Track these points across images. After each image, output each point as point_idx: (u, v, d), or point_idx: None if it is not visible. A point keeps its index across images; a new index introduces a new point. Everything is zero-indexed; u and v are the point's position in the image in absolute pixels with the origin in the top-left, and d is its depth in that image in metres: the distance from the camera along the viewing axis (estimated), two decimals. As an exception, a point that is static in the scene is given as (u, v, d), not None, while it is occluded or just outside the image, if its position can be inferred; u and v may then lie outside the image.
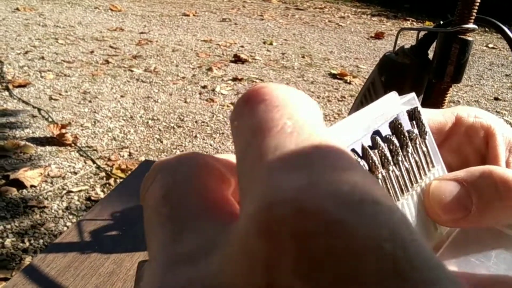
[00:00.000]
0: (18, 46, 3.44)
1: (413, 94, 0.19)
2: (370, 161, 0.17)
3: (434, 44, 0.77)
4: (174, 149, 2.22)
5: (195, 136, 2.34)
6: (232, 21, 4.75)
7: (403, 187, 0.18)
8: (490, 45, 4.39)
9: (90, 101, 2.64)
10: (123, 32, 4.05)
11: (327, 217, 0.09)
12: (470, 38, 0.72)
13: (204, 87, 2.96)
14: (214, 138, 2.34)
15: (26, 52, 3.33)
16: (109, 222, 0.70)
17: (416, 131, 0.19)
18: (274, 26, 4.71)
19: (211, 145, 2.27)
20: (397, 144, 0.18)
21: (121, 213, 0.72)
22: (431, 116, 0.21)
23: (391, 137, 0.18)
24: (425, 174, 0.19)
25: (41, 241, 1.56)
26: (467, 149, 0.21)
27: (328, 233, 0.09)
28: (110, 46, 3.62)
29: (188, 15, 4.85)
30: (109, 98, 2.71)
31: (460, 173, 0.18)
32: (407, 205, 0.19)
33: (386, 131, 0.18)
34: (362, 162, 0.17)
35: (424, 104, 0.78)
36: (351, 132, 0.17)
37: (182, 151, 2.20)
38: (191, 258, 0.12)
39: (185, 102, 2.73)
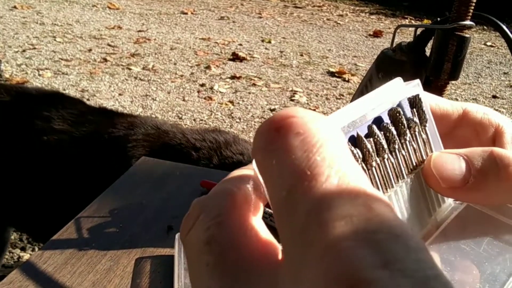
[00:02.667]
0: (15, 44, 3.43)
1: (417, 81, 0.19)
2: (364, 149, 0.17)
3: (431, 41, 0.77)
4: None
5: (193, 134, 2.34)
6: (231, 19, 4.75)
7: (398, 174, 0.19)
8: (488, 43, 4.40)
9: (88, 99, 2.64)
10: (121, 30, 4.04)
11: None
12: (467, 35, 0.72)
13: (202, 85, 2.96)
14: (212, 136, 2.34)
15: (24, 50, 3.32)
16: (106, 219, 0.70)
17: (416, 119, 0.19)
18: (272, 24, 4.70)
19: (209, 143, 2.27)
20: (394, 132, 0.18)
21: (118, 210, 0.72)
22: (438, 103, 0.21)
23: (389, 125, 0.18)
24: (423, 162, 0.20)
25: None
26: (473, 144, 0.21)
27: None
28: (108, 44, 3.61)
29: (186, 13, 4.84)
30: (107, 96, 2.70)
31: (462, 150, 0.19)
32: (401, 192, 0.19)
33: (385, 118, 0.18)
34: (356, 151, 0.17)
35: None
36: (352, 119, 0.17)
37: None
38: None
39: (183, 100, 2.73)
